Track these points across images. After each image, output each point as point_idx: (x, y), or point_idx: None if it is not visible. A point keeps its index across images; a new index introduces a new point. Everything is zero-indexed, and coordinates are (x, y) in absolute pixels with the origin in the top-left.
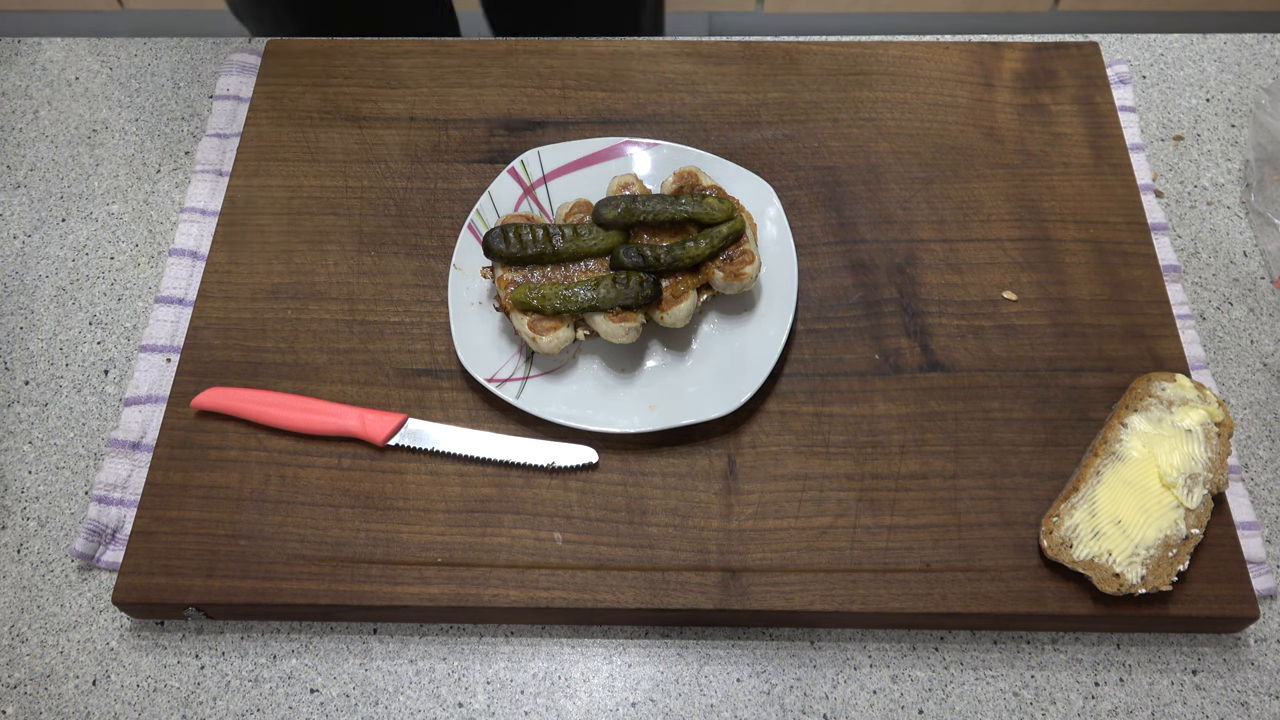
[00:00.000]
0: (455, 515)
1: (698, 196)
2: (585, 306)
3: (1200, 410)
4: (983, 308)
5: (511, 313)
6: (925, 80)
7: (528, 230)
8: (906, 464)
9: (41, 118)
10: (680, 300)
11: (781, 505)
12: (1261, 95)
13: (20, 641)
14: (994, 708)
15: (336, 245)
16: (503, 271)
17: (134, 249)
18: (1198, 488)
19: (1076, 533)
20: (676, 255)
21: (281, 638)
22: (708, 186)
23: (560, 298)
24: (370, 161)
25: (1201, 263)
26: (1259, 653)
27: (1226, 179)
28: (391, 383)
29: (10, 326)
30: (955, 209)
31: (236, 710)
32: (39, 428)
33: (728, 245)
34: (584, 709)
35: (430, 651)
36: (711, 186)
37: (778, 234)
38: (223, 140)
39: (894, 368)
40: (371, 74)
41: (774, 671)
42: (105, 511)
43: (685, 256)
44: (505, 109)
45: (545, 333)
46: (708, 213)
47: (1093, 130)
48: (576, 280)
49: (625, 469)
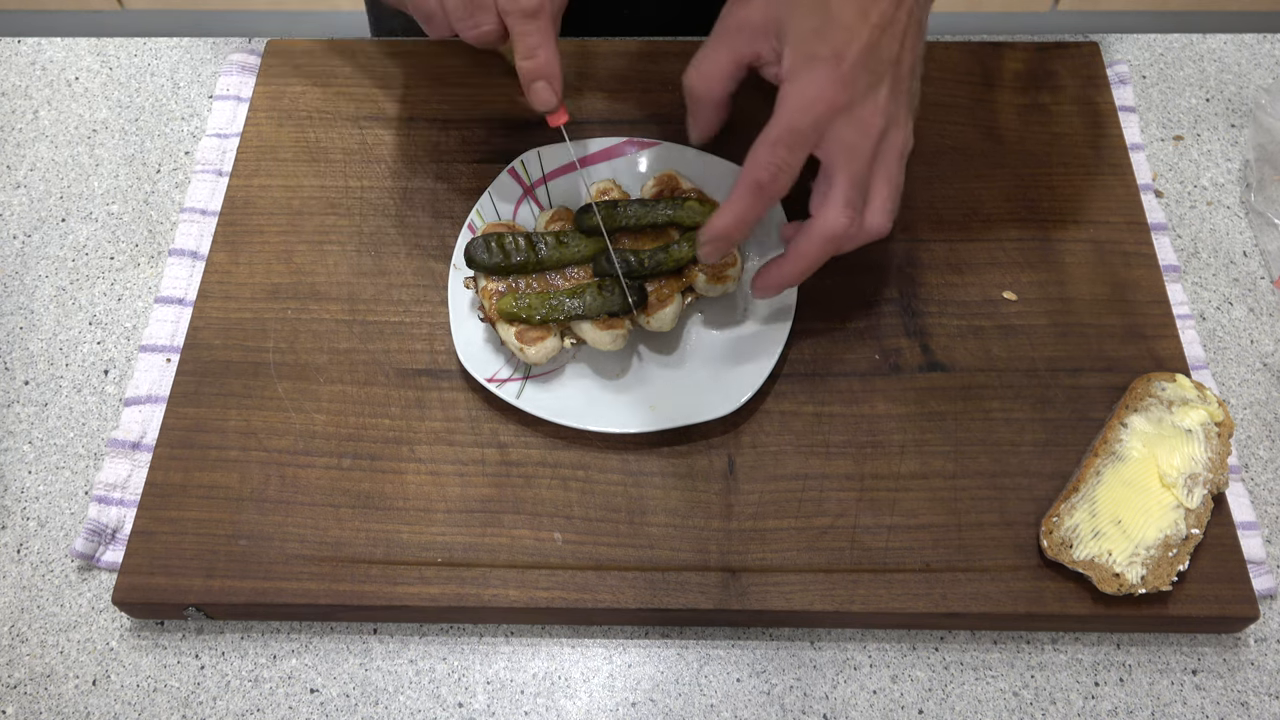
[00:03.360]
0: (455, 515)
1: (678, 200)
2: (572, 315)
3: (1200, 410)
4: (983, 308)
5: (498, 323)
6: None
7: (510, 239)
8: (906, 464)
9: (41, 118)
10: (665, 304)
11: (781, 505)
12: (1261, 95)
13: (20, 641)
14: (994, 708)
15: (336, 245)
16: (486, 281)
17: (134, 249)
18: (1198, 488)
19: (1076, 533)
20: (659, 259)
21: (281, 638)
22: (688, 190)
23: (546, 307)
24: (370, 161)
25: (1201, 263)
26: (1259, 653)
27: (1226, 179)
28: (391, 383)
29: (10, 326)
30: (955, 209)
31: (236, 710)
32: (39, 428)
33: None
34: (584, 709)
35: (430, 651)
36: (692, 189)
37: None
38: (223, 140)
39: (894, 368)
40: (371, 74)
41: (774, 671)
42: (105, 511)
43: (668, 260)
44: (505, 109)
45: (532, 342)
46: (689, 216)
47: (1093, 130)
48: (561, 289)
49: (625, 469)
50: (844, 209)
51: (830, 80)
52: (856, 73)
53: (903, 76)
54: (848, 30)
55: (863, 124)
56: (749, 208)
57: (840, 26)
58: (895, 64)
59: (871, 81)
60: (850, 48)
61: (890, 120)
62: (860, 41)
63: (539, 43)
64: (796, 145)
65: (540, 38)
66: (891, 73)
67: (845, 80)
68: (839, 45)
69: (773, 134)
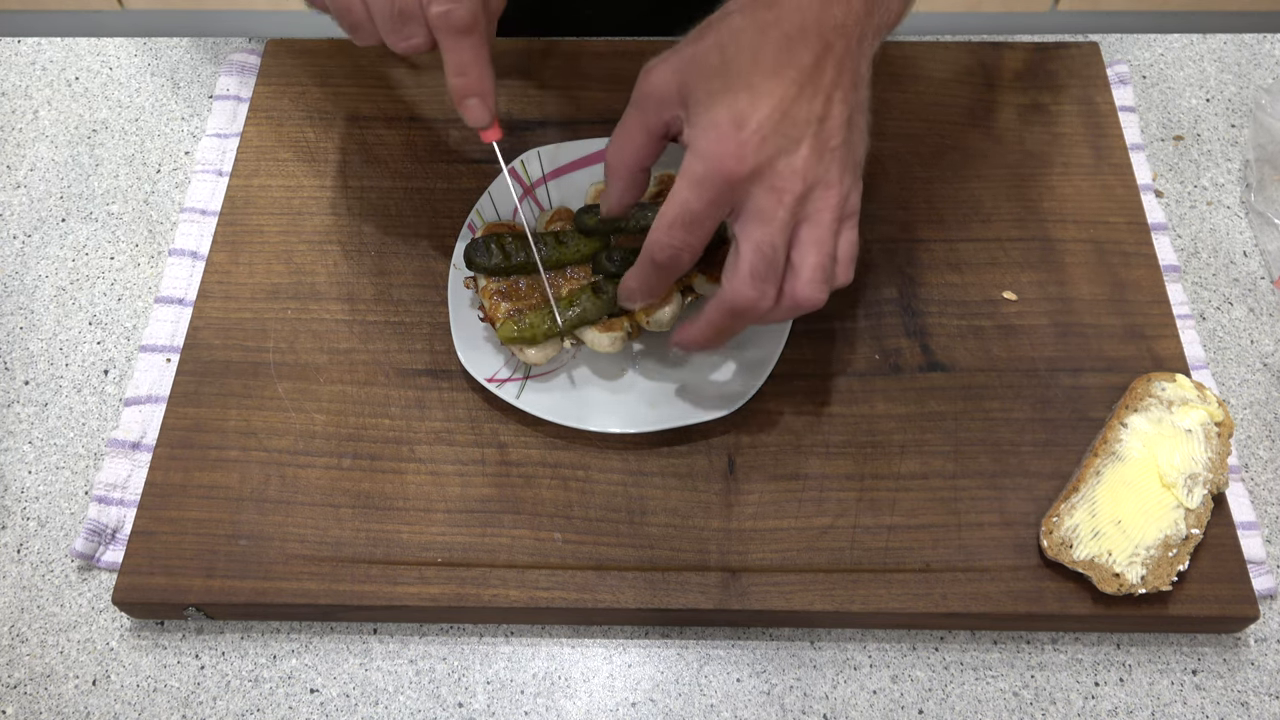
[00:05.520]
0: (455, 515)
1: None
2: (575, 324)
3: (1200, 410)
4: (983, 308)
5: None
6: (925, 80)
7: (510, 240)
8: (906, 464)
9: (41, 118)
10: (665, 304)
11: (781, 505)
12: (1261, 95)
13: (20, 641)
14: (994, 708)
15: (336, 245)
16: (486, 282)
17: (134, 249)
18: (1198, 488)
19: (1076, 533)
20: None
21: (281, 638)
22: None
23: (548, 323)
24: (370, 161)
25: (1201, 263)
26: (1259, 653)
27: (1226, 179)
28: (391, 383)
29: (10, 326)
30: (955, 209)
31: (236, 710)
32: (39, 428)
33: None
34: (584, 709)
35: (430, 651)
36: None
37: None
38: (223, 140)
39: (894, 368)
40: (371, 74)
41: (774, 671)
42: (105, 511)
43: None
44: (505, 109)
45: (532, 344)
46: None
47: (1093, 130)
48: (558, 297)
49: (625, 469)
50: (748, 281)
51: (728, 150)
52: (762, 137)
53: (829, 134)
54: (750, 92)
55: (774, 190)
56: (653, 281)
57: (743, 89)
58: (819, 122)
59: (784, 145)
60: (754, 113)
61: (815, 183)
62: (767, 104)
63: (471, 60)
64: (693, 225)
65: (472, 54)
66: (814, 132)
67: (746, 147)
68: (740, 111)
69: (668, 214)
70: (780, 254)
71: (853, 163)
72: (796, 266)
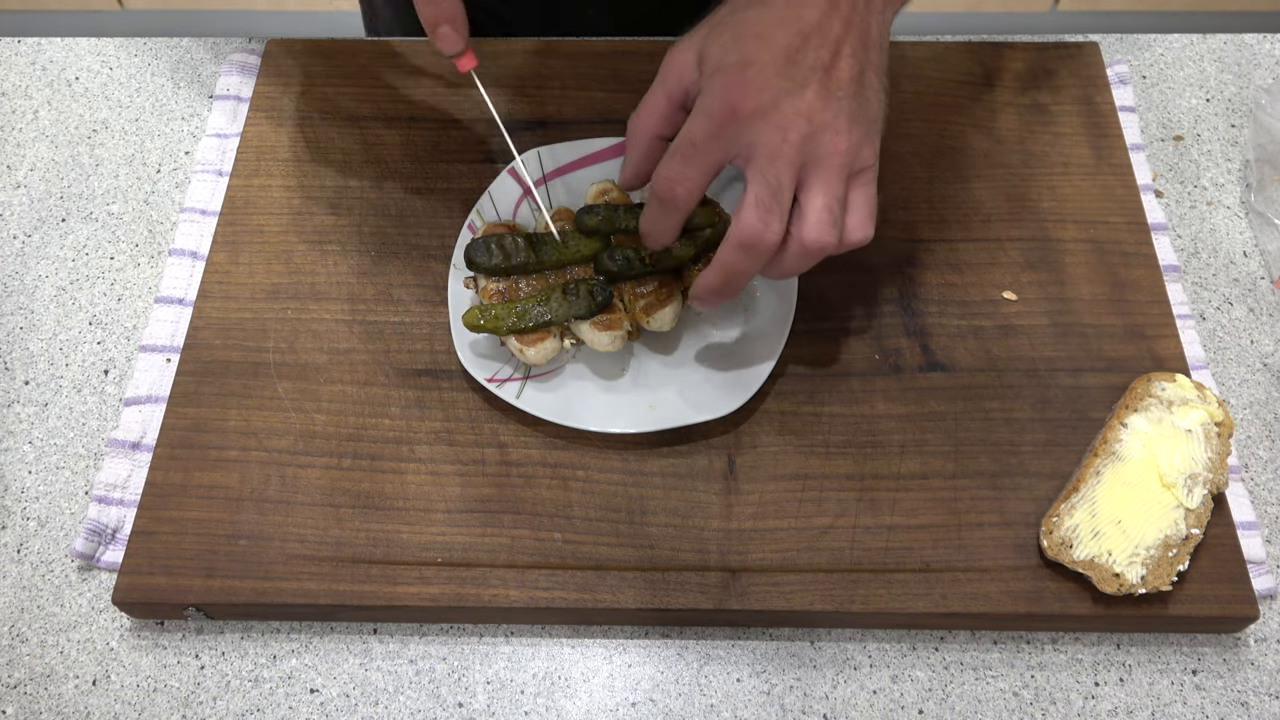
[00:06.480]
0: (455, 515)
1: None
2: (539, 323)
3: (1200, 410)
4: (983, 308)
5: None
6: (925, 80)
7: (510, 240)
8: (906, 464)
9: (41, 118)
10: (666, 304)
11: (781, 505)
12: (1261, 95)
13: (20, 641)
14: (994, 708)
15: (336, 245)
16: (486, 282)
17: (134, 249)
18: (1198, 488)
19: (1076, 533)
20: (660, 259)
21: (281, 638)
22: None
23: (514, 316)
24: (370, 161)
25: (1201, 263)
26: (1259, 653)
27: (1226, 179)
28: (391, 383)
29: (10, 326)
30: (955, 209)
31: (236, 710)
32: (39, 428)
33: (710, 248)
34: (584, 709)
35: (430, 651)
36: None
37: None
38: (223, 140)
39: (894, 368)
40: (371, 74)
41: (774, 671)
42: (105, 511)
43: (669, 260)
44: (505, 109)
45: (532, 343)
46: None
47: (1093, 130)
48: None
49: (625, 469)
50: (754, 211)
51: (733, 86)
52: (766, 77)
53: (836, 83)
54: (759, 39)
55: (779, 128)
56: (660, 220)
57: (751, 36)
58: (825, 70)
59: (788, 88)
60: (760, 54)
61: (821, 126)
62: (774, 48)
63: None
64: (693, 157)
65: None
66: (820, 79)
67: (751, 84)
68: (747, 53)
69: (672, 146)
70: (785, 189)
71: (866, 118)
72: (803, 208)
